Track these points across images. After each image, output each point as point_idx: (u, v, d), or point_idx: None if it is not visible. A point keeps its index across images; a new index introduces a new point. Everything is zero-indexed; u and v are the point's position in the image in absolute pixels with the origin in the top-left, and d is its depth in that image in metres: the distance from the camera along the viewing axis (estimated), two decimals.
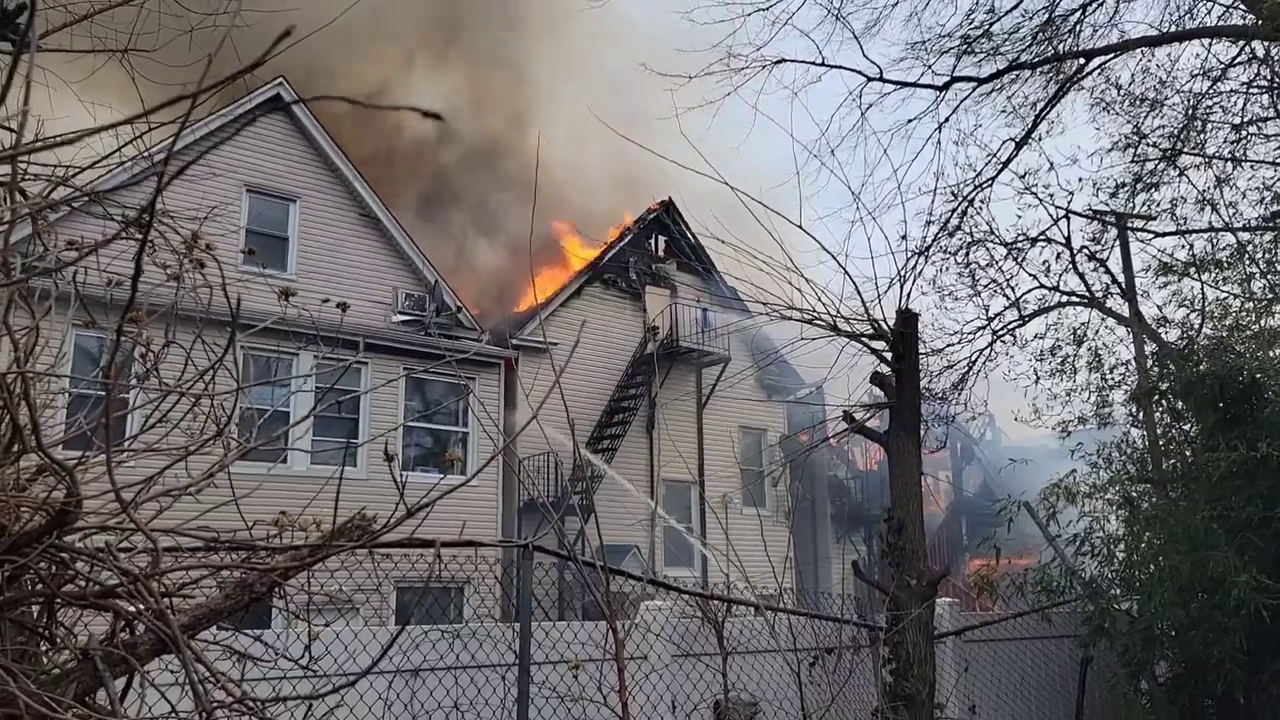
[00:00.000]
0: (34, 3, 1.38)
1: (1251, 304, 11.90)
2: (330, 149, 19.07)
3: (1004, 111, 12.50)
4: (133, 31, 3.76)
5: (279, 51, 1.11)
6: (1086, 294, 13.87)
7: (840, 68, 11.82)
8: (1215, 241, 12.81)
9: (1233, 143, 12.00)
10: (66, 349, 2.59)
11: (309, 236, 18.64)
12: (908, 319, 6.66)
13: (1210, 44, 11.58)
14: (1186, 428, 9.21)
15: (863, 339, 6.65)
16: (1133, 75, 12.82)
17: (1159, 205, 13.24)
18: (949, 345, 13.43)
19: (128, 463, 2.09)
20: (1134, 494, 9.11)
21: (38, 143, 1.95)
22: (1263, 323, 9.55)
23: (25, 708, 1.37)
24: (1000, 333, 13.67)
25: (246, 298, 2.29)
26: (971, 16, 11.63)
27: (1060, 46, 11.62)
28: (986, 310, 13.65)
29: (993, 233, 13.41)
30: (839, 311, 6.46)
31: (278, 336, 2.75)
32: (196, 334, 2.31)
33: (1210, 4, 11.24)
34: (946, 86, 11.97)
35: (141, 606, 1.65)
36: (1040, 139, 12.50)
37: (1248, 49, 11.24)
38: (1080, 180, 18.87)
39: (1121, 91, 12.64)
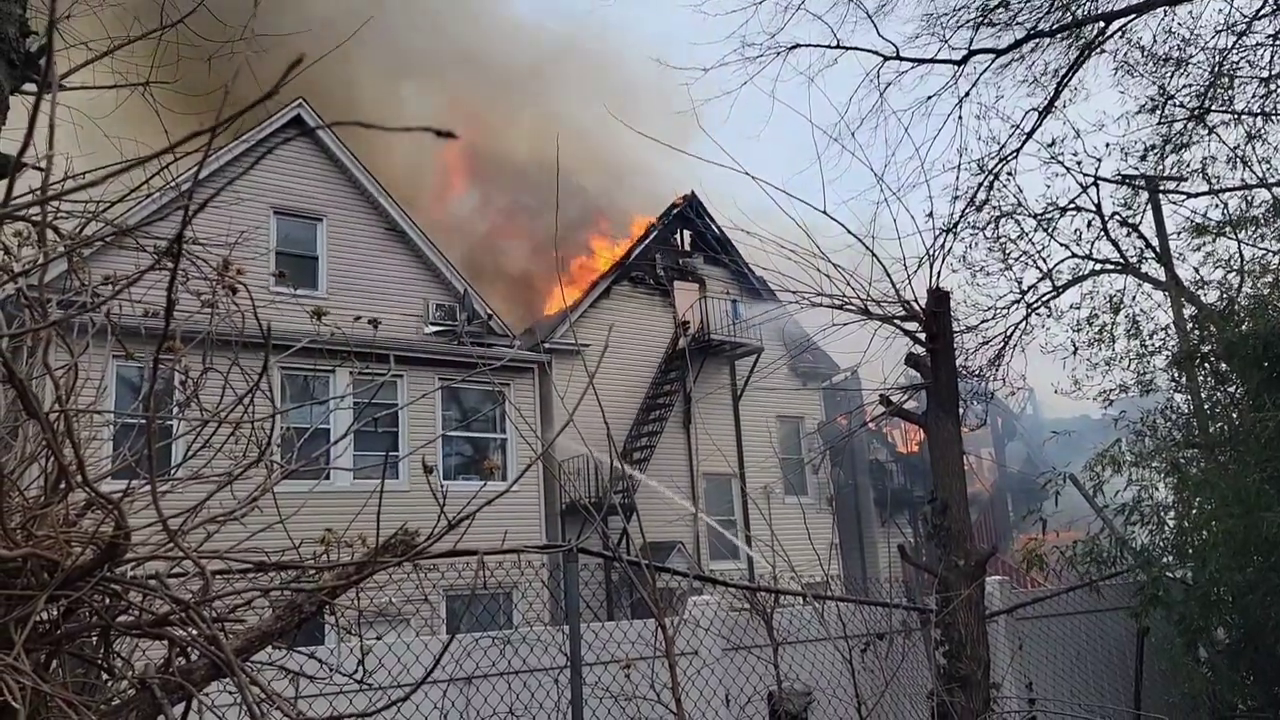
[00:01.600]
0: (50, 42, 1.41)
1: None
2: (354, 166, 19.25)
3: (1025, 81, 12.34)
4: (153, 64, 3.82)
5: (291, 78, 1.12)
6: (1120, 260, 13.66)
7: (856, 49, 11.74)
8: (1250, 199, 12.57)
9: (1262, 97, 11.75)
10: (108, 381, 2.63)
11: (338, 254, 18.84)
12: (940, 298, 6.60)
13: None
14: (1231, 389, 9.05)
15: (895, 321, 6.60)
16: (1154, 35, 12.59)
17: (1189, 166, 13.01)
18: (983, 321, 13.30)
19: (173, 491, 2.12)
20: (1182, 459, 8.96)
21: (67, 180, 1.99)
22: None
23: None
24: (1035, 305, 13.51)
25: (280, 319, 2.32)
26: None
27: (1079, 11, 11.44)
28: (1019, 283, 13.50)
29: (1021, 205, 13.26)
30: (869, 295, 6.42)
31: (313, 356, 2.78)
32: (233, 359, 2.34)
33: None
34: (965, 60, 11.83)
35: (195, 633, 1.67)
36: (1064, 107, 12.35)
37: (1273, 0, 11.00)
38: (1108, 146, 18.56)
39: (1144, 53, 12.42)
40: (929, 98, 12.19)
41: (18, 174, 1.68)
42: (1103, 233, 13.50)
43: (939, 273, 6.82)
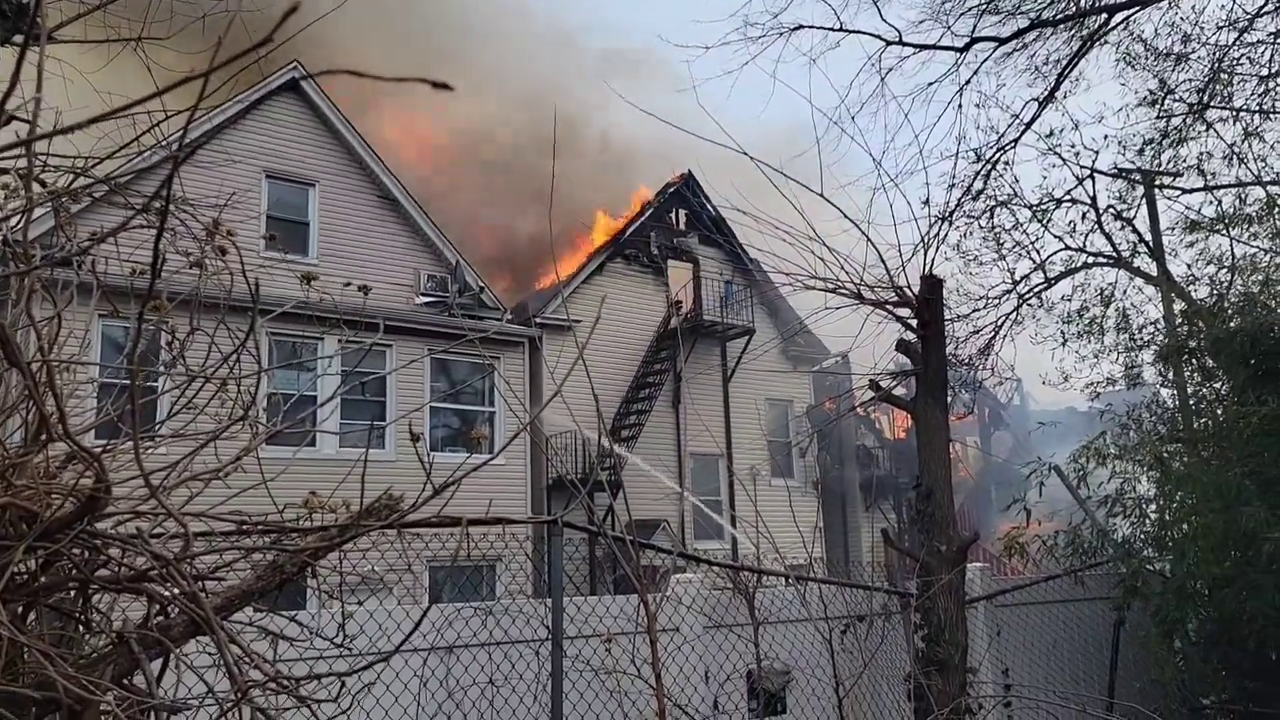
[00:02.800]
0: None
1: None
2: (348, 132, 19.10)
3: (1026, 71, 12.29)
4: (145, 20, 3.77)
5: (290, 33, 1.10)
6: (1113, 254, 13.69)
7: (859, 32, 11.65)
8: (1244, 196, 12.59)
9: (1260, 95, 11.75)
10: (92, 338, 2.61)
11: (329, 221, 18.72)
12: (932, 285, 6.60)
13: None
14: (1217, 385, 9.09)
15: (887, 306, 6.60)
16: (1157, 29, 12.59)
17: (1186, 161, 13.02)
18: (975, 310, 13.33)
19: (156, 449, 2.11)
20: (1165, 454, 9.02)
21: (55, 131, 1.96)
22: None
23: (64, 690, 1.39)
24: (1026, 296, 13.54)
25: (269, 283, 2.30)
26: None
27: (1083, 2, 11.40)
28: (1012, 273, 13.52)
29: (1017, 195, 13.26)
30: (863, 279, 6.41)
31: (301, 321, 2.77)
32: (220, 320, 2.32)
33: None
34: (967, 48, 11.78)
35: (174, 590, 1.67)
36: (1064, 98, 12.32)
37: None
38: (1105, 138, 18.49)
39: (1146, 46, 12.40)
40: (930, 84, 12.14)
41: (3, 125, 1.65)
42: (1097, 226, 13.53)
43: (933, 260, 6.84)
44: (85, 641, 1.79)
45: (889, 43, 11.67)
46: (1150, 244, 13.09)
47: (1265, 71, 11.55)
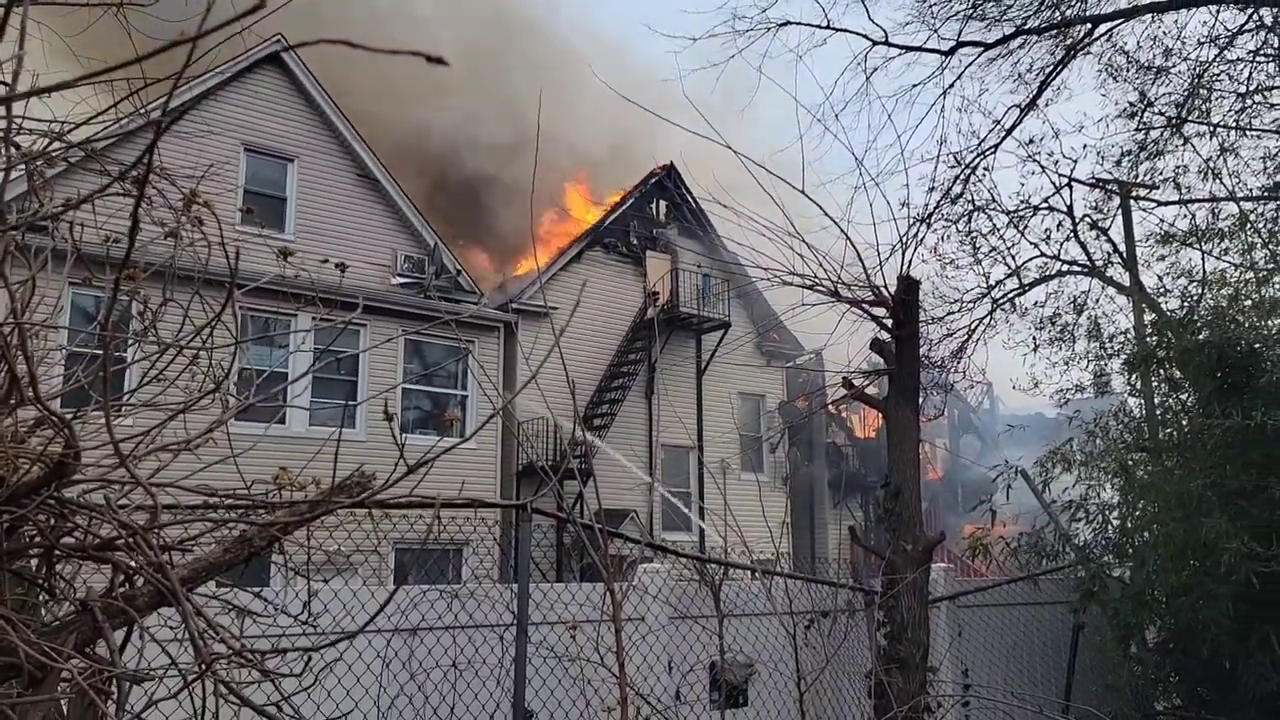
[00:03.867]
0: None
1: (1252, 274, 11.86)
2: (329, 108, 18.92)
3: (1009, 78, 12.40)
4: None
5: (276, 3, 1.09)
6: (1087, 263, 13.82)
7: (846, 31, 11.70)
8: (1217, 211, 12.75)
9: (1238, 111, 11.91)
10: (64, 304, 2.58)
11: (307, 197, 18.55)
12: (909, 286, 6.65)
13: (1218, 11, 11.46)
14: (1184, 397, 9.21)
15: (863, 305, 6.64)
16: (1139, 42, 12.71)
17: (1162, 174, 13.16)
18: (949, 313, 13.42)
19: (126, 419, 2.09)
20: (1130, 462, 9.14)
21: (32, 91, 1.93)
22: (1262, 292, 9.52)
23: (25, 657, 1.38)
24: (1000, 301, 13.64)
25: (245, 258, 2.28)
26: None
27: (1068, 11, 11.50)
28: (987, 278, 13.61)
29: (995, 200, 13.35)
30: (840, 277, 6.45)
31: (276, 297, 2.74)
32: (194, 291, 2.30)
33: None
34: (952, 51, 11.86)
35: (141, 560, 1.66)
36: (1046, 106, 12.41)
37: (1255, 16, 11.12)
38: (1085, 147, 18.71)
39: (1129, 58, 12.52)
40: (914, 86, 12.26)
41: None
42: (1072, 234, 13.64)
43: (910, 261, 6.86)
44: (48, 609, 1.78)
45: (875, 43, 11.73)
46: (1124, 255, 13.24)
47: (1243, 89, 11.71)
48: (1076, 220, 13.57)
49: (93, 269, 2.36)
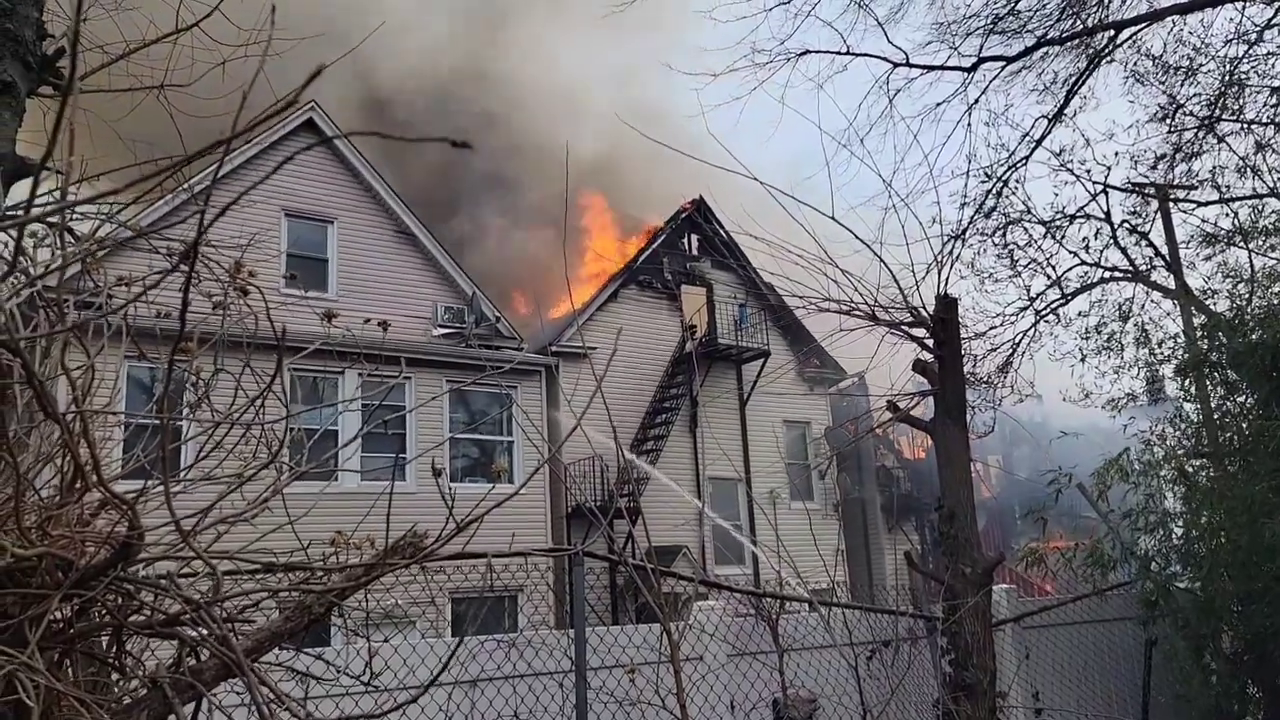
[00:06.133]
0: (75, 48, 1.42)
1: None
2: (364, 169, 19.32)
3: (1034, 90, 12.33)
4: (168, 67, 3.85)
5: (309, 83, 1.13)
6: (1130, 268, 13.64)
7: (866, 55, 11.72)
8: (1260, 208, 12.53)
9: (1272, 106, 11.73)
10: (120, 383, 2.65)
11: (348, 256, 18.90)
12: (947, 304, 6.60)
13: (1244, 7, 11.33)
14: (1241, 399, 9.01)
15: (902, 327, 6.60)
16: (1165, 45, 12.62)
17: (1199, 175, 12.99)
18: (991, 328, 13.27)
19: (184, 491, 2.14)
20: (1190, 468, 8.94)
21: (82, 185, 2.01)
22: None
23: None
24: (1043, 312, 13.48)
25: (290, 320, 2.33)
26: None
27: (1089, 20, 11.43)
28: (1028, 290, 13.47)
29: (1029, 211, 13.24)
30: (877, 300, 6.42)
31: (322, 358, 2.79)
32: (245, 361, 2.36)
33: None
34: (974, 68, 11.82)
35: (205, 632, 1.69)
36: (1074, 115, 12.32)
37: None
38: (1117, 154, 18.50)
39: (1155, 61, 12.41)
40: (938, 104, 12.19)
41: (30, 176, 1.70)
42: (1112, 240, 13.49)
43: (947, 279, 6.83)
44: (119, 687, 1.81)
45: (896, 65, 11.74)
46: (1167, 257, 13.05)
47: (1276, 83, 11.53)
48: (1115, 226, 13.42)
49: (145, 344, 2.43)
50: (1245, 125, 12.00)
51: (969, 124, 11.95)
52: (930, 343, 6.58)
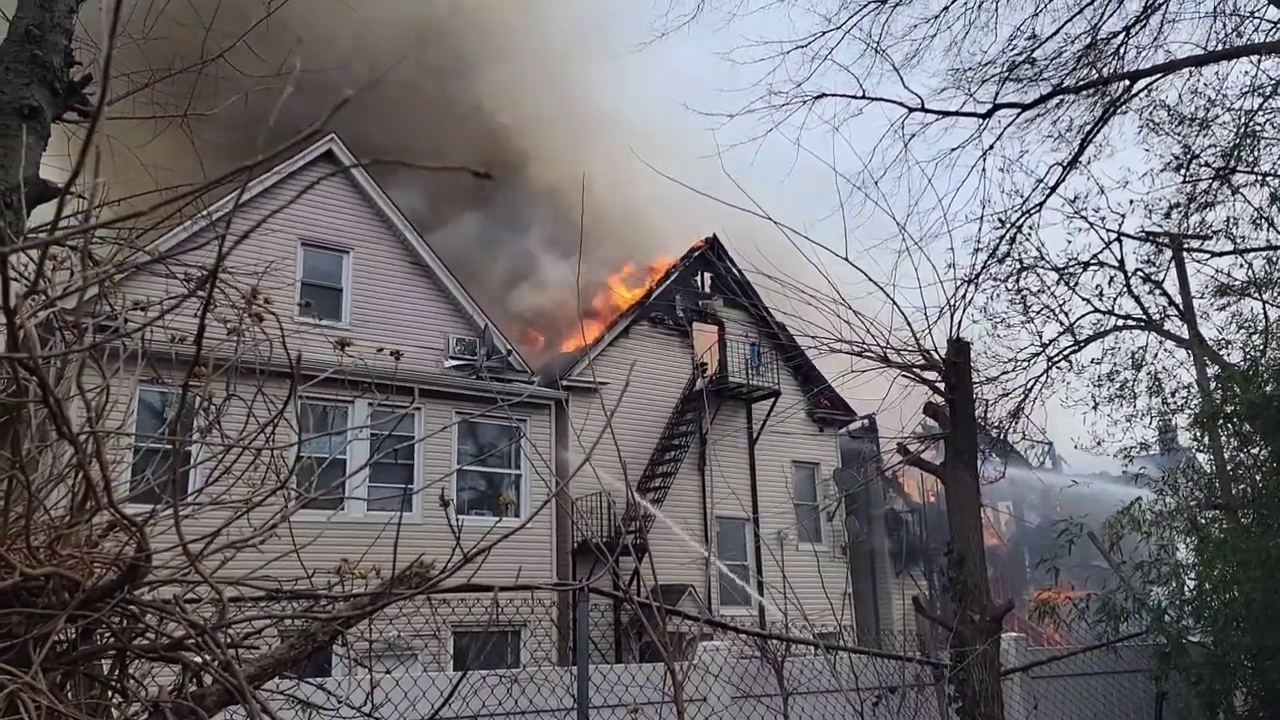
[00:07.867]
0: (106, 75, 1.45)
1: None
2: (381, 200, 19.50)
3: (1050, 137, 12.39)
4: (191, 95, 3.91)
5: (333, 116, 1.15)
6: (1143, 317, 13.60)
7: (881, 100, 11.83)
8: (1275, 260, 12.50)
9: None
10: (132, 405, 2.67)
11: (362, 287, 19.02)
12: (959, 348, 6.59)
13: (1260, 60, 11.39)
14: (1255, 451, 8.93)
15: (914, 370, 6.59)
16: (1180, 95, 12.68)
17: (1213, 225, 12.99)
18: (1003, 373, 13.23)
19: (192, 515, 2.14)
20: (1203, 520, 8.85)
21: (103, 209, 2.04)
22: None
23: None
24: (1056, 359, 13.43)
25: (303, 349, 2.35)
26: (1013, 43, 11.59)
27: (1104, 69, 11.51)
28: (1040, 336, 13.44)
29: (1043, 258, 13.25)
30: (889, 343, 6.42)
31: (334, 386, 2.80)
32: (257, 388, 2.37)
33: (1258, 20, 11.09)
34: (989, 114, 11.90)
35: (209, 658, 1.68)
36: (1088, 163, 12.36)
37: None
38: (1131, 203, 18.52)
39: (1170, 112, 12.47)
40: (953, 150, 12.26)
41: (53, 199, 1.72)
42: (1125, 289, 13.47)
43: (959, 323, 6.82)
44: (119, 710, 1.80)
45: (911, 110, 11.83)
46: (1180, 307, 13.01)
47: None
48: (1129, 274, 13.41)
49: (160, 367, 2.44)
50: (1260, 177, 12.02)
51: (984, 169, 12.03)
52: (942, 386, 6.56)
